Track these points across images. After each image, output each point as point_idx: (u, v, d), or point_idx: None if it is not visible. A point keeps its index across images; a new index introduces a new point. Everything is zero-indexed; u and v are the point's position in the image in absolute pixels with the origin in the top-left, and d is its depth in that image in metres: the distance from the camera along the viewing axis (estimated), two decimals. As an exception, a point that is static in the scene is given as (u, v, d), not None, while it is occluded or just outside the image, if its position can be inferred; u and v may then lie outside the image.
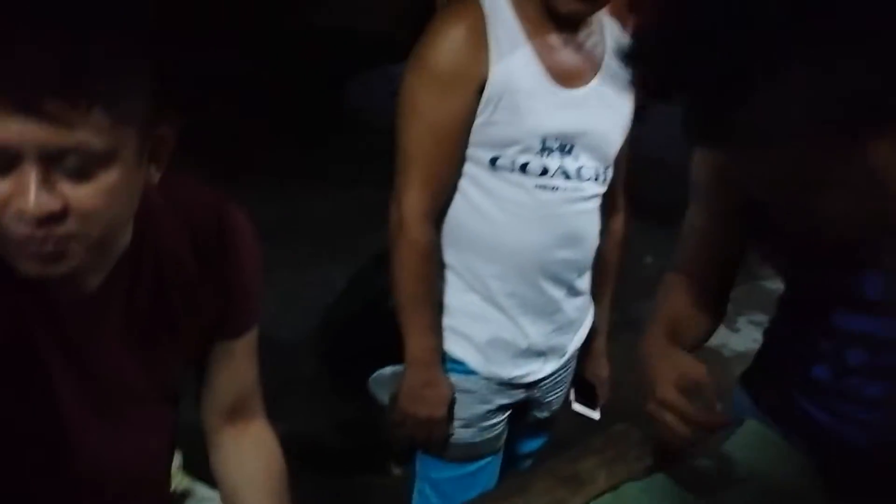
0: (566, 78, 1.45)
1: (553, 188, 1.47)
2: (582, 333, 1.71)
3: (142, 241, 0.92)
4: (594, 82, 1.49)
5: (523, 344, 1.58)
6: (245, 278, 1.02)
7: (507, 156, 1.44)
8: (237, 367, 1.09)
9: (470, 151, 1.45)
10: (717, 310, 1.26)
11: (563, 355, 1.67)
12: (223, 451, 1.12)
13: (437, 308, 1.55)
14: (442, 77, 1.39)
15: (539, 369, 1.62)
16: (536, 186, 1.46)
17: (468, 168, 1.47)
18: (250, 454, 1.12)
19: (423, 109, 1.41)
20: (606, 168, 1.56)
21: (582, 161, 1.49)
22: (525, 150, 1.44)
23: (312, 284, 2.99)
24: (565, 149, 1.46)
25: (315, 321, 1.87)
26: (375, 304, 1.59)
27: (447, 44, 1.39)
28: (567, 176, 1.48)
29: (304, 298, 2.74)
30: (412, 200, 1.45)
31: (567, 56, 1.46)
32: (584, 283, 1.65)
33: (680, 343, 1.16)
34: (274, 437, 1.15)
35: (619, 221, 1.74)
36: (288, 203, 4.14)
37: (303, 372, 2.35)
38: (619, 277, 1.81)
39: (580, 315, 1.68)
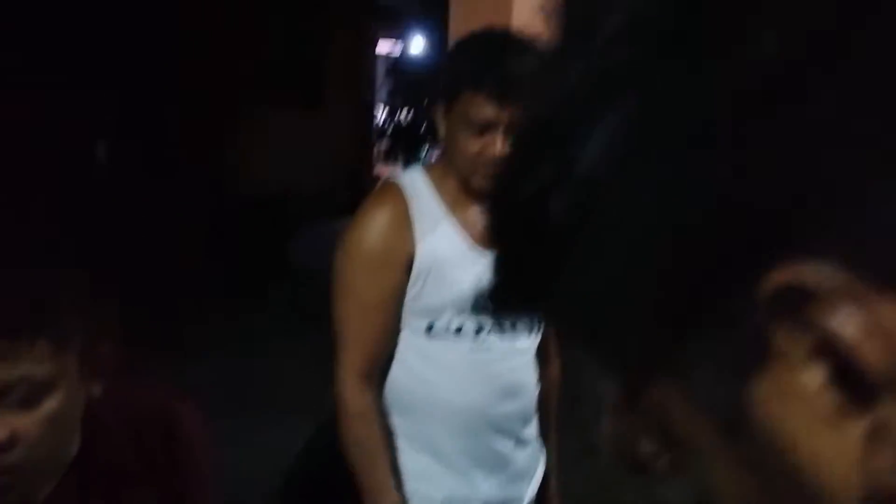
0: (484, 245, 1.52)
1: (488, 348, 1.53)
2: (536, 482, 1.72)
3: (88, 450, 0.93)
4: None
5: (478, 500, 1.59)
6: (196, 480, 1.04)
7: (442, 321, 1.51)
8: None
9: (405, 321, 1.53)
10: None
11: None
12: None
13: (394, 469, 1.57)
14: (371, 258, 1.49)
15: None
16: (472, 347, 1.53)
17: (405, 336, 1.54)
18: None
19: (355, 289, 1.50)
20: (535, 321, 1.60)
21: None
22: (458, 314, 1.51)
23: (268, 447, 2.92)
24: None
25: (276, 484, 1.81)
26: (337, 460, 1.56)
27: (374, 227, 1.50)
28: (501, 332, 1.54)
29: (261, 462, 2.66)
30: (351, 372, 1.51)
31: (482, 225, 1.53)
32: (531, 431, 1.68)
33: None
34: None
35: (555, 368, 1.79)
36: (239, 364, 4.09)
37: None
38: (561, 416, 1.83)
39: (532, 464, 1.70)
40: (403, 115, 9.59)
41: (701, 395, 0.31)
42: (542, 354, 1.68)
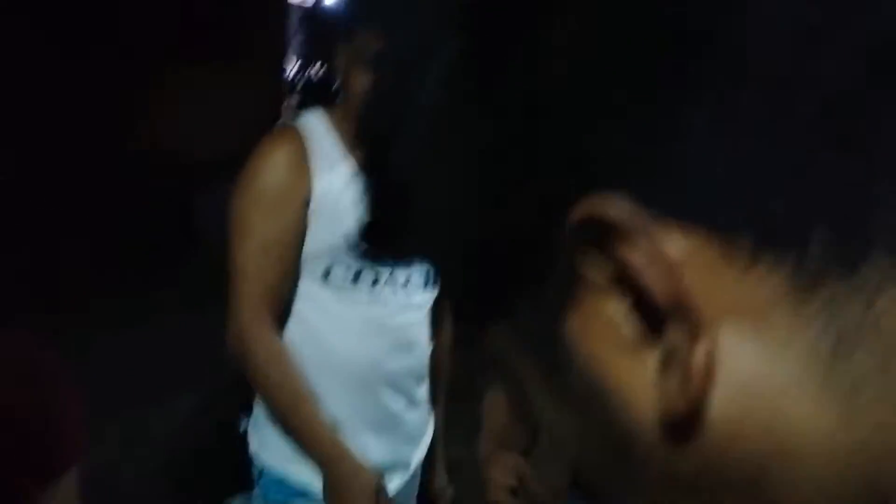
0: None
1: (384, 301, 1.53)
2: (424, 447, 1.73)
3: None
4: None
5: (367, 461, 1.57)
6: (52, 418, 1.00)
7: (339, 266, 1.50)
8: None
9: (303, 266, 1.51)
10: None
11: (408, 469, 1.68)
12: None
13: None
14: (267, 196, 1.48)
15: (388, 485, 1.60)
16: (367, 299, 1.52)
17: (302, 285, 1.52)
18: None
19: (252, 229, 1.48)
20: (430, 275, 1.61)
21: (405, 271, 1.55)
22: (346, 262, 1.50)
23: (159, 415, 2.89)
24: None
25: (164, 453, 1.82)
26: (224, 431, 1.58)
27: (269, 166, 1.49)
28: (397, 284, 1.54)
29: (151, 431, 2.64)
30: (250, 314, 1.47)
31: None
32: (423, 392, 1.69)
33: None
34: None
35: (447, 330, 1.80)
36: (135, 330, 4.00)
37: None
38: (453, 381, 1.86)
39: (422, 427, 1.71)
40: (315, 68, 9.39)
41: (525, 335, 0.32)
42: (436, 315, 1.68)
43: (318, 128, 1.54)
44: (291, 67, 9.27)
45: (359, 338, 1.54)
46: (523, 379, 0.33)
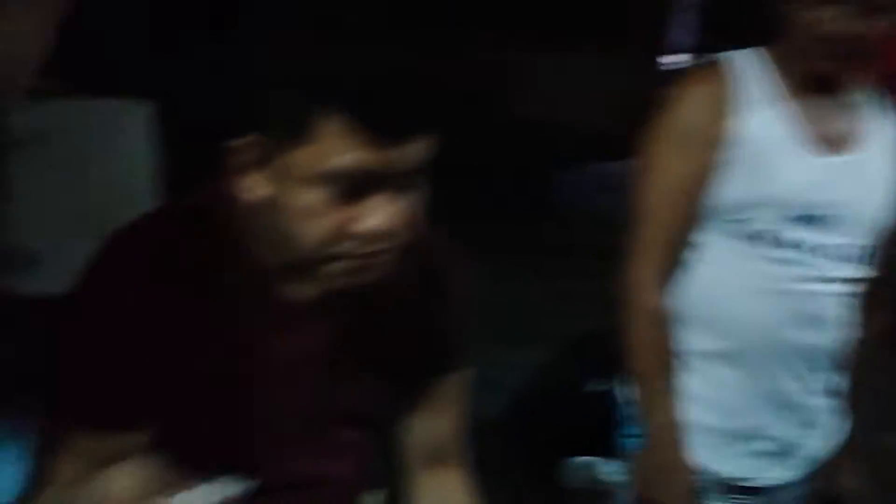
0: (821, 144, 1.36)
1: (791, 262, 1.35)
2: (825, 439, 1.48)
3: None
4: (853, 152, 1.38)
5: (752, 440, 1.41)
6: (454, 315, 1.02)
7: (744, 221, 1.35)
8: (440, 409, 1.05)
9: (706, 214, 1.37)
10: None
11: (795, 459, 1.45)
12: (420, 493, 1.07)
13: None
14: (681, 134, 1.36)
15: (772, 474, 1.43)
16: (771, 259, 1.35)
17: (700, 235, 1.39)
18: (447, 498, 1.07)
19: (661, 168, 1.38)
20: (863, 250, 1.40)
21: (829, 238, 1.36)
22: (765, 217, 1.34)
23: (502, 366, 3.01)
24: (810, 221, 1.35)
25: (503, 402, 1.85)
26: (570, 390, 1.56)
27: (690, 102, 1.37)
28: (808, 251, 1.36)
29: (494, 379, 2.75)
30: (643, 263, 1.38)
31: (824, 121, 1.37)
32: (832, 380, 1.45)
33: None
34: (475, 487, 1.08)
35: (878, 321, 1.52)
36: (486, 285, 4.20)
37: (490, 452, 2.34)
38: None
39: (826, 417, 1.47)
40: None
41: None
42: (865, 302, 1.44)
43: (751, 65, 1.38)
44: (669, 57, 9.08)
45: (753, 299, 1.37)
46: None
